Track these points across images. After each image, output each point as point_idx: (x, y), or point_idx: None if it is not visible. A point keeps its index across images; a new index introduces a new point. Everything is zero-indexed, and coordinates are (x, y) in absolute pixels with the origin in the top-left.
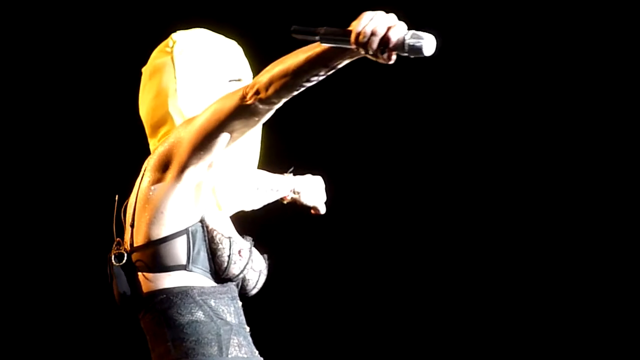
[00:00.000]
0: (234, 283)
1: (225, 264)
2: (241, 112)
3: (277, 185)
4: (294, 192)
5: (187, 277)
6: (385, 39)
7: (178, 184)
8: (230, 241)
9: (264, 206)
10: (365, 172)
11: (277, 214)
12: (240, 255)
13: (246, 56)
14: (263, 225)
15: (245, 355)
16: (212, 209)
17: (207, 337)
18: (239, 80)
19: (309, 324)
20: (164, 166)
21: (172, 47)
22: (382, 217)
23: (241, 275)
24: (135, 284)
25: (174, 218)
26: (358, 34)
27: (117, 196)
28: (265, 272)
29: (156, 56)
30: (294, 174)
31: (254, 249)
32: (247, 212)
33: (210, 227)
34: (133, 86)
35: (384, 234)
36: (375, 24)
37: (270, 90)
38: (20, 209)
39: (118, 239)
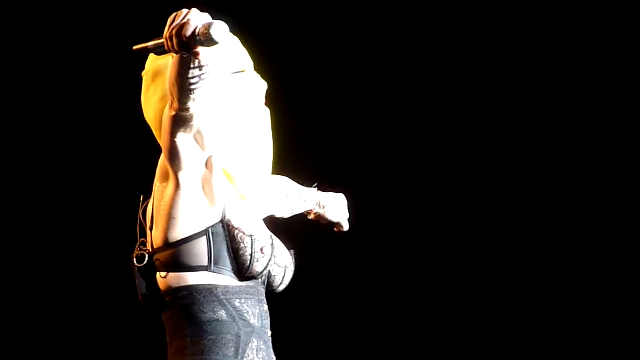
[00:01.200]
0: (261, 284)
1: (248, 262)
2: (176, 120)
3: (305, 195)
4: (320, 206)
5: (210, 277)
6: (180, 41)
7: (180, 191)
8: (252, 239)
9: (293, 216)
10: (379, 180)
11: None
12: (262, 253)
13: (243, 44)
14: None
15: None
16: (235, 205)
17: (225, 338)
18: (242, 71)
19: (329, 330)
20: (163, 176)
21: None
22: (391, 221)
23: (265, 272)
24: (156, 284)
25: (189, 221)
26: (165, 42)
27: (142, 197)
28: (292, 267)
29: (156, 58)
30: (319, 190)
31: (279, 244)
32: (277, 218)
33: (231, 227)
34: None
35: (395, 239)
36: (170, 28)
37: (175, 100)
38: (45, 210)
39: (142, 239)
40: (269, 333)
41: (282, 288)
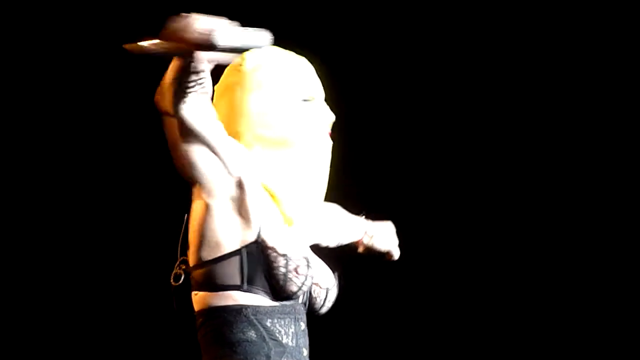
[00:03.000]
0: (299, 303)
1: (282, 282)
2: (179, 128)
3: (353, 224)
4: (368, 235)
5: (242, 297)
6: (179, 43)
7: (209, 210)
8: (285, 259)
9: (339, 247)
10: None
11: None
12: (297, 273)
13: (317, 73)
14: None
15: None
16: (272, 225)
17: (255, 358)
18: (310, 99)
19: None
20: (196, 194)
21: (244, 65)
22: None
23: (300, 292)
24: (191, 302)
25: (221, 240)
26: (162, 44)
27: (186, 215)
28: (334, 290)
29: (228, 74)
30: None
31: (320, 265)
32: (322, 247)
33: (265, 246)
34: None
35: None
36: (170, 29)
37: (169, 104)
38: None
39: (183, 257)
40: (305, 352)
41: (324, 310)
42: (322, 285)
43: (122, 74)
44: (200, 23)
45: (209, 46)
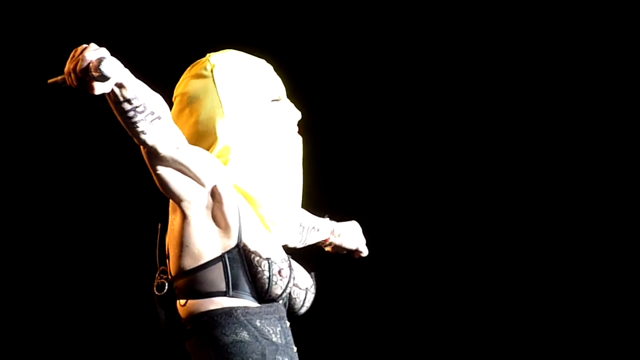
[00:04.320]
0: (280, 303)
1: (266, 285)
2: (147, 155)
3: (319, 225)
4: (335, 235)
5: (229, 301)
6: (76, 76)
7: (187, 220)
8: (269, 262)
9: (306, 247)
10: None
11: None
12: (280, 275)
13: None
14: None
15: None
16: (251, 229)
17: (252, 357)
18: (278, 99)
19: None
20: (172, 207)
21: (212, 70)
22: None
23: (284, 295)
24: (177, 311)
25: (201, 249)
26: (66, 77)
27: (159, 224)
28: (312, 290)
29: (193, 81)
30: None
31: (298, 267)
32: (290, 248)
33: (247, 251)
34: None
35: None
36: (69, 63)
37: (132, 136)
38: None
39: (162, 267)
40: (294, 348)
41: (303, 310)
42: (301, 286)
43: None
44: (88, 55)
45: (99, 77)
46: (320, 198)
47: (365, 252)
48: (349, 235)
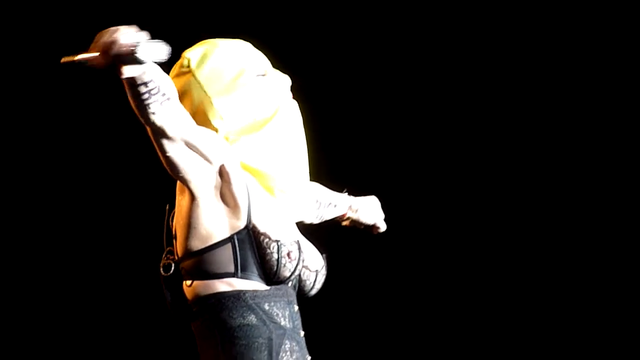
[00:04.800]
0: (290, 286)
1: (275, 267)
2: (154, 135)
3: (336, 201)
4: (353, 210)
5: (238, 283)
6: (106, 58)
7: (196, 201)
8: (278, 244)
9: (323, 222)
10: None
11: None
12: (289, 258)
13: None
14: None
15: None
16: (261, 209)
17: (257, 341)
18: (264, 74)
19: (361, 329)
20: (180, 188)
21: (189, 64)
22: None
23: (293, 277)
24: (183, 292)
25: (210, 229)
26: (93, 58)
27: (167, 205)
28: (323, 272)
29: (176, 80)
30: (349, 195)
31: (309, 248)
32: (307, 224)
33: (257, 232)
34: None
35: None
36: (98, 44)
37: (140, 117)
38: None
39: (169, 247)
40: (302, 333)
41: (313, 292)
42: (312, 268)
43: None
44: (124, 37)
45: (133, 60)
46: (324, 169)
47: (383, 227)
48: (367, 211)
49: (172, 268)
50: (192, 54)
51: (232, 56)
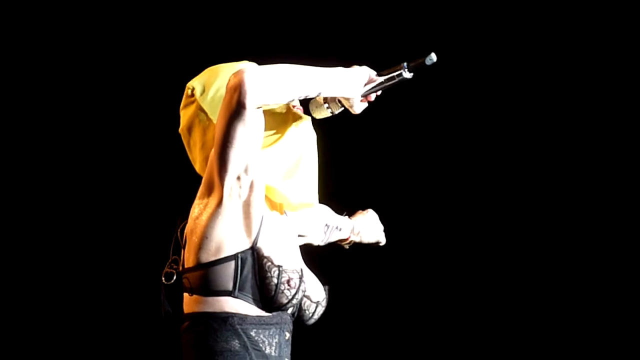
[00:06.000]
0: (287, 313)
1: (273, 292)
2: (237, 117)
3: (341, 224)
4: (355, 233)
5: (232, 303)
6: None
7: (220, 209)
8: (279, 270)
9: (326, 245)
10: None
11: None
12: (289, 285)
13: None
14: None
15: None
16: (269, 233)
17: None
18: None
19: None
20: (206, 192)
21: (193, 93)
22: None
23: (289, 305)
24: (180, 303)
25: (221, 244)
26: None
27: (179, 218)
28: (323, 303)
29: (184, 112)
30: (349, 217)
31: (312, 279)
32: (314, 247)
33: (260, 255)
34: None
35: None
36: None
37: (268, 97)
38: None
39: (174, 257)
40: None
41: (311, 322)
42: (313, 298)
43: (110, 77)
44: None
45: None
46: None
47: (383, 241)
48: (369, 230)
49: (174, 278)
50: (195, 83)
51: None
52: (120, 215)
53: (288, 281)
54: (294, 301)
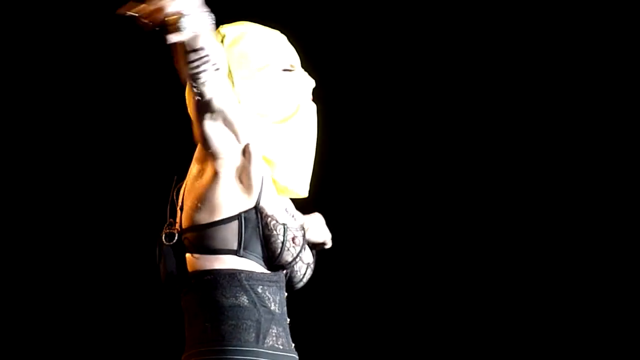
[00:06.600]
0: (284, 272)
1: (279, 250)
2: (198, 107)
3: (296, 214)
4: (304, 227)
5: (236, 261)
6: (151, 23)
7: (217, 178)
8: (284, 228)
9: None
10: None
11: None
12: (294, 243)
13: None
14: None
15: (281, 347)
16: (271, 193)
17: (246, 323)
18: (291, 69)
19: (342, 320)
20: (201, 158)
21: (222, 40)
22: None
23: (294, 263)
24: (182, 264)
25: (221, 205)
26: (138, 19)
27: (175, 177)
28: (312, 266)
29: None
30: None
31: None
32: None
33: (264, 214)
34: None
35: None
36: (145, 7)
37: (189, 85)
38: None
39: (171, 219)
40: (288, 320)
41: (300, 285)
42: (305, 260)
43: (106, 70)
44: (172, 5)
45: (175, 29)
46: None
47: (329, 244)
48: (316, 229)
49: (175, 238)
50: (227, 31)
51: (264, 45)
52: (103, 200)
53: (293, 239)
54: (297, 259)
